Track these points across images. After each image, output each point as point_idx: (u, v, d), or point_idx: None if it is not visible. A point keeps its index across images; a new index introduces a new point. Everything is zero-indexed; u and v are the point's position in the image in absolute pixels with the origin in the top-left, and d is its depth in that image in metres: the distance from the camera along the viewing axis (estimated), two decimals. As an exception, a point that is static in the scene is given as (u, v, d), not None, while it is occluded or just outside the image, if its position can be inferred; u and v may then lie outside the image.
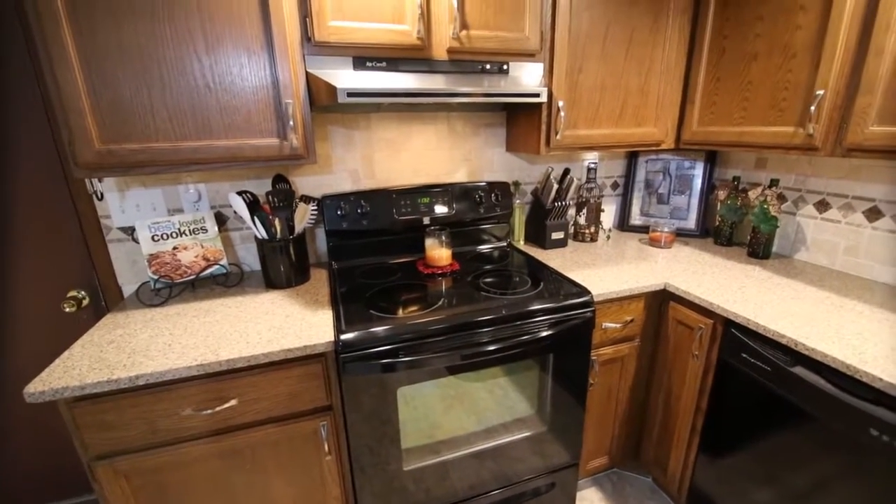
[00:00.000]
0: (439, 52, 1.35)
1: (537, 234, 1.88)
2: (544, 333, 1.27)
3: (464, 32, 1.35)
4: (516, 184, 1.91)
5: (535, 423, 1.43)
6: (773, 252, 1.75)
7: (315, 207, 1.49)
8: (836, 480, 1.03)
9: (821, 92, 1.25)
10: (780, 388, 1.14)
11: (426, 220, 1.68)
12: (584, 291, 1.35)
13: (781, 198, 1.72)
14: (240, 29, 1.15)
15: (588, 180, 1.92)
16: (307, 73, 1.26)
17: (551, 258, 1.72)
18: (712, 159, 1.97)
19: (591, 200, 1.93)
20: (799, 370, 1.09)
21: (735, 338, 1.25)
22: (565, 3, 1.45)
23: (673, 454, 1.54)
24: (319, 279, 1.54)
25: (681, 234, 2.01)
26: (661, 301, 1.51)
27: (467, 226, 1.79)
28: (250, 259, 1.64)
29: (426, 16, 1.30)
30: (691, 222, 2.03)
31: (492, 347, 1.22)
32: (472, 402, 1.33)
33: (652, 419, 1.63)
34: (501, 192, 1.79)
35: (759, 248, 1.69)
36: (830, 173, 1.55)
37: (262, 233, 1.40)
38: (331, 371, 1.15)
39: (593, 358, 1.45)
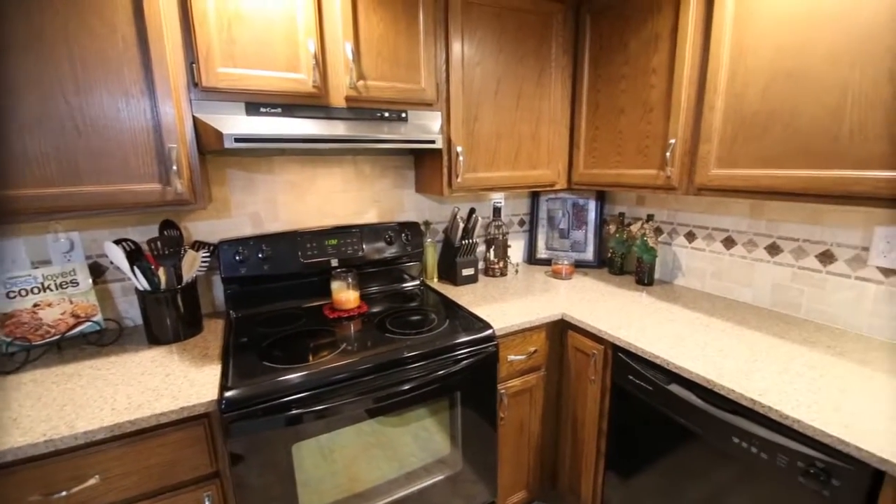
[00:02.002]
0: (337, 99, 1.39)
1: (449, 271, 1.92)
2: (448, 371, 1.28)
3: (361, 82, 1.40)
4: (427, 223, 1.96)
5: (449, 464, 1.41)
6: (657, 279, 1.95)
7: (207, 254, 1.41)
8: (726, 489, 1.12)
9: (673, 140, 1.46)
10: (661, 405, 1.24)
11: (334, 262, 1.65)
12: (486, 326, 1.40)
13: (658, 231, 1.94)
14: (116, 73, 1.10)
15: (495, 218, 2.03)
16: (195, 117, 1.22)
17: (462, 294, 1.76)
18: (602, 197, 2.18)
19: (499, 237, 2.03)
20: (674, 388, 1.19)
21: (622, 361, 1.35)
22: (457, 60, 1.57)
23: (583, 479, 1.58)
24: (214, 330, 1.44)
25: (581, 266, 2.18)
26: (561, 330, 1.60)
27: (378, 266, 1.79)
28: (134, 313, 1.49)
29: (321, 66, 1.33)
30: (589, 254, 2.20)
31: (394, 391, 1.20)
32: (381, 449, 1.29)
33: (564, 447, 1.68)
34: (412, 231, 1.82)
35: (644, 276, 1.87)
36: (694, 208, 1.79)
37: (143, 284, 1.29)
38: (216, 433, 1.06)
39: (502, 391, 1.48)
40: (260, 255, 1.52)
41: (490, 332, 1.38)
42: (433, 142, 1.45)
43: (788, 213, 1.47)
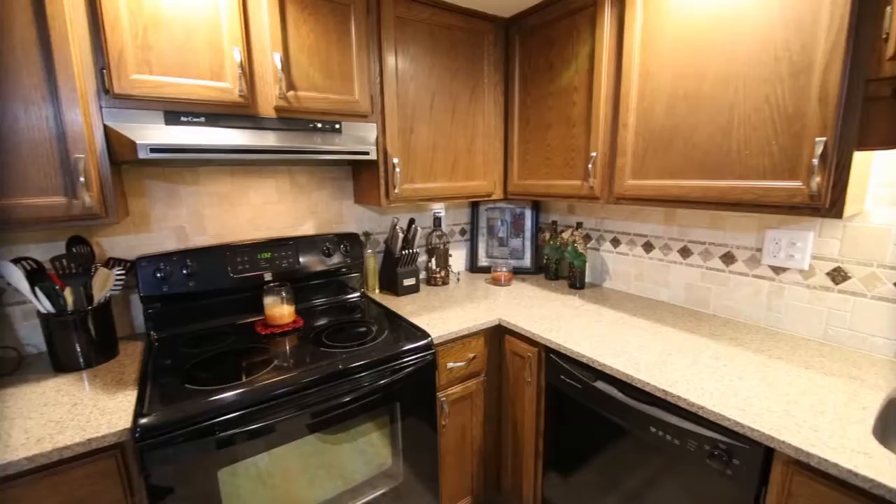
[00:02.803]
0: (266, 109, 1.36)
1: (390, 281, 1.92)
2: (385, 382, 1.28)
3: (291, 93, 1.38)
4: (367, 234, 1.95)
5: (393, 476, 1.40)
6: (588, 282, 2.06)
7: (122, 271, 1.31)
8: (651, 476, 1.19)
9: (594, 154, 1.57)
10: (590, 402, 1.31)
11: (268, 277, 1.60)
12: (424, 335, 1.41)
13: (587, 237, 2.06)
14: (14, 78, 1.01)
15: (435, 228, 2.06)
16: (106, 126, 1.14)
17: (404, 304, 1.77)
18: (537, 206, 2.28)
19: (440, 247, 2.06)
20: (599, 384, 1.27)
21: (554, 362, 1.41)
22: (391, 73, 1.59)
23: (524, 480, 1.63)
24: (131, 354, 1.33)
25: (519, 272, 2.26)
26: (499, 335, 1.65)
27: (316, 279, 1.75)
28: (37, 339, 1.35)
29: (248, 75, 1.30)
30: (527, 261, 2.29)
31: (329, 405, 1.18)
32: (324, 468, 1.25)
33: (506, 449, 1.72)
34: (351, 243, 1.81)
35: (576, 280, 1.97)
36: (617, 216, 1.92)
37: (46, 306, 1.18)
38: (131, 465, 0.98)
39: (442, 399, 1.50)
40: (184, 272, 1.43)
41: (427, 340, 1.39)
42: (367, 153, 1.46)
43: (696, 220, 1.63)
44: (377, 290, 1.95)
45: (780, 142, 1.10)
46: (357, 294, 1.87)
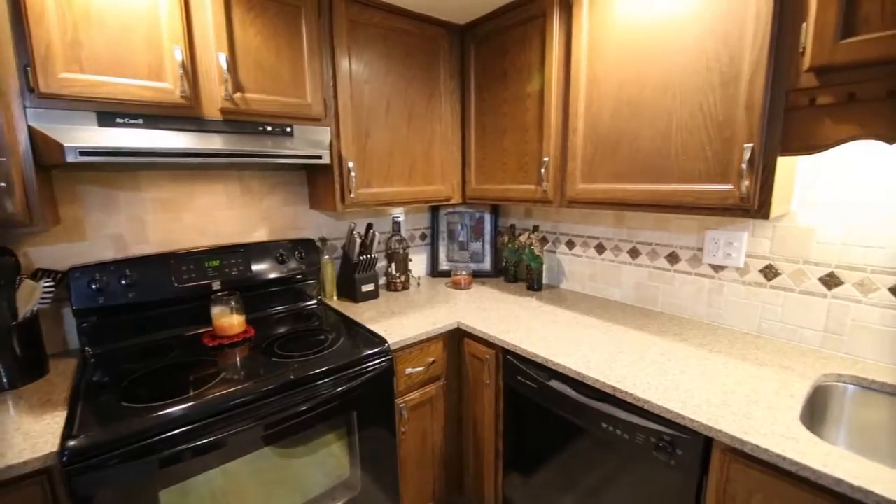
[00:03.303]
0: (211, 111, 1.31)
1: (349, 288, 1.89)
2: (341, 391, 1.25)
3: (239, 95, 1.34)
4: (324, 240, 1.91)
5: (351, 487, 1.36)
6: (545, 284, 2.11)
7: (50, 282, 1.22)
8: (604, 471, 1.22)
9: (547, 158, 1.61)
10: (546, 401, 1.33)
11: (216, 286, 1.53)
12: (380, 341, 1.39)
13: (544, 240, 2.11)
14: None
15: (395, 233, 2.05)
16: (30, 127, 1.06)
17: (363, 311, 1.74)
18: (496, 210, 2.31)
19: (400, 251, 2.05)
20: (554, 383, 1.30)
21: (511, 363, 1.43)
22: (345, 77, 1.58)
23: (486, 481, 1.64)
24: (63, 372, 1.24)
25: (479, 276, 2.28)
26: (458, 339, 1.65)
27: (269, 287, 1.69)
28: (-49, 359, 1.23)
29: (191, 75, 1.25)
30: (487, 264, 2.31)
31: (282, 417, 1.14)
32: (280, 483, 1.20)
33: (467, 452, 1.72)
34: (306, 249, 1.76)
35: (533, 282, 2.01)
36: (572, 219, 1.98)
37: (-40, 323, 1.08)
38: (59, 492, 0.91)
39: (401, 405, 1.48)
40: (123, 282, 1.35)
41: (384, 347, 1.38)
42: (320, 157, 1.43)
43: (643, 222, 1.70)
44: (335, 297, 1.92)
45: (714, 147, 1.17)
46: (314, 302, 1.82)
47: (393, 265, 2.04)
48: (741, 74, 1.09)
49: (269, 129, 1.42)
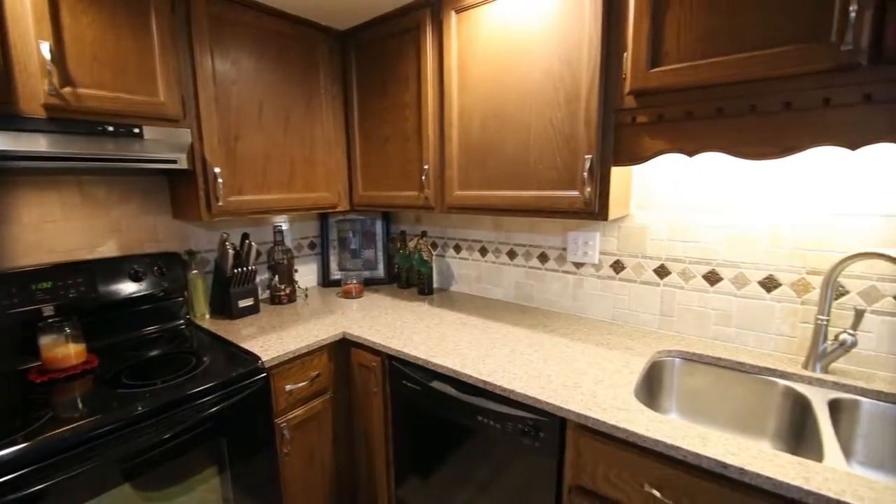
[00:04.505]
0: (32, 107, 1.12)
1: (224, 304, 1.74)
2: (205, 417, 1.14)
3: (68, 89, 1.17)
4: (191, 253, 1.73)
5: (221, 523, 1.25)
6: (437, 287, 2.17)
7: None
8: (487, 463, 1.27)
9: (427, 166, 1.66)
10: (429, 402, 1.36)
11: (48, 311, 1.30)
12: (253, 359, 1.31)
13: (434, 245, 2.17)
14: None
15: (277, 242, 1.94)
16: None
17: (240, 328, 1.62)
18: (387, 217, 2.32)
19: (284, 262, 1.94)
20: (435, 384, 1.33)
21: (396, 369, 1.44)
22: (207, 76, 1.46)
23: (379, 491, 1.62)
24: None
25: (373, 283, 2.26)
26: (345, 349, 1.62)
27: (121, 309, 1.49)
28: None
29: (4, 65, 1.06)
30: (381, 271, 2.31)
31: (130, 452, 1.01)
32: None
33: (360, 464, 1.69)
34: (168, 264, 1.59)
35: (424, 287, 2.06)
36: (458, 224, 2.06)
37: None
38: None
39: (282, 425, 1.40)
40: None
41: (257, 365, 1.30)
42: (175, 162, 1.31)
43: (518, 226, 1.84)
44: (207, 316, 1.75)
45: (563, 158, 1.31)
46: (180, 321, 1.64)
47: (277, 277, 1.93)
48: (581, 94, 1.25)
49: (111, 129, 1.25)
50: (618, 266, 1.57)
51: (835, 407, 1.08)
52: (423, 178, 1.67)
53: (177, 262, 1.61)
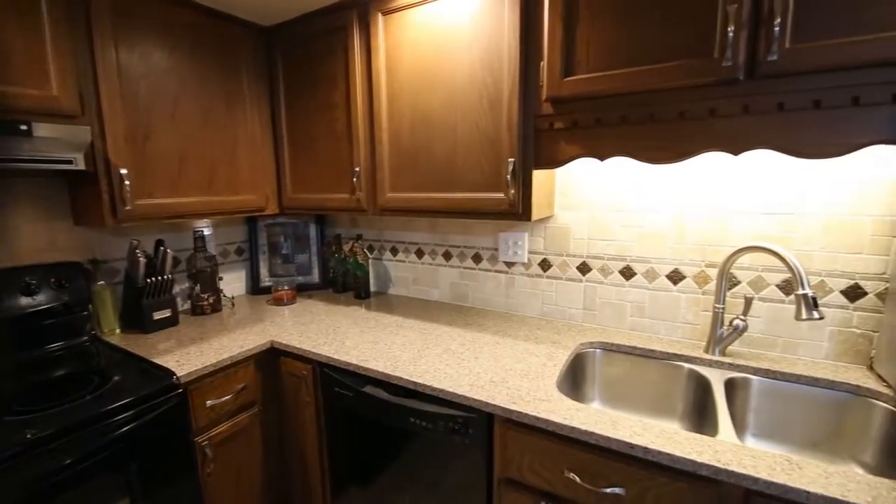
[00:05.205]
0: None
1: (137, 317, 1.60)
2: (108, 442, 1.05)
3: (-69, 78, 1.02)
4: (96, 262, 1.58)
5: (132, 556, 1.14)
6: (374, 291, 2.14)
7: None
8: (431, 462, 1.26)
9: (358, 168, 1.64)
10: (363, 407, 1.34)
11: (-90, 334, 1.13)
12: (166, 375, 1.22)
13: (371, 248, 2.14)
14: None
15: (198, 248, 1.82)
16: None
17: (155, 342, 1.49)
18: (322, 220, 2.26)
19: (207, 269, 1.83)
20: (368, 388, 1.32)
21: (328, 376, 1.41)
22: (110, 69, 1.34)
23: (314, 502, 1.56)
24: None
25: (308, 288, 2.19)
26: (273, 359, 1.55)
27: (11, 326, 1.32)
28: None
29: None
30: (315, 276, 2.24)
31: (19, 486, 0.90)
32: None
33: (294, 478, 1.62)
34: (68, 275, 1.44)
35: (361, 290, 2.02)
36: (394, 227, 2.06)
37: None
38: None
39: (204, 443, 1.32)
40: None
41: (171, 380, 1.21)
42: (71, 162, 1.19)
43: (452, 227, 1.87)
44: (118, 330, 1.60)
45: (489, 161, 1.35)
46: (84, 338, 1.49)
47: (199, 286, 1.81)
48: (503, 100, 1.29)
49: (-11, 125, 1.11)
50: (545, 264, 1.65)
51: (730, 386, 1.20)
52: (355, 180, 1.64)
53: (78, 273, 1.46)
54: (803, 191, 1.22)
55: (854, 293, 1.20)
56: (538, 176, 1.35)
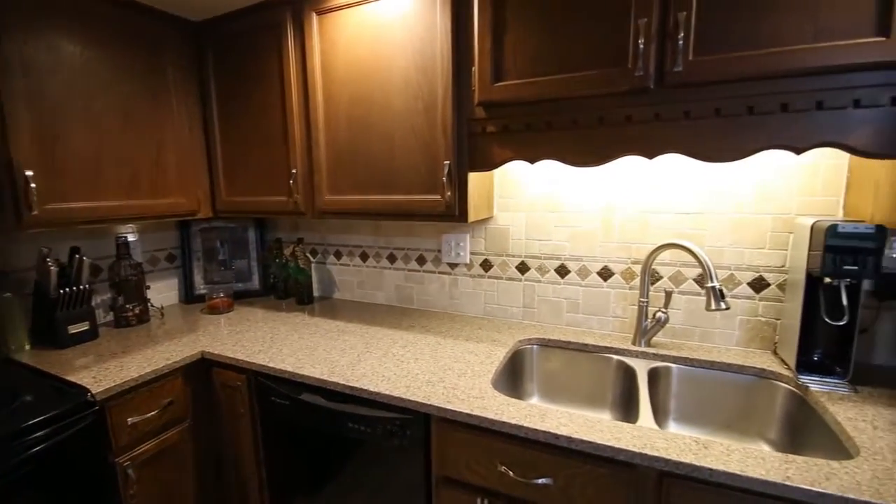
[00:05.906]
0: None
1: (49, 331, 1.47)
2: (10, 466, 0.95)
3: None
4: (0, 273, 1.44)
5: (40, 592, 1.05)
6: (318, 296, 2.10)
7: None
8: (372, 467, 1.25)
9: (295, 170, 1.60)
10: (301, 415, 1.31)
11: None
12: (78, 393, 1.13)
13: (314, 252, 2.09)
14: None
15: (121, 256, 1.70)
16: None
17: (70, 358, 1.38)
18: (262, 224, 2.18)
19: (132, 278, 1.71)
20: (305, 396, 1.28)
21: (263, 385, 1.36)
22: (11, 62, 1.23)
23: (253, 520, 1.50)
24: None
25: (248, 295, 2.10)
26: (205, 370, 1.48)
27: None
28: None
29: None
30: (255, 283, 2.15)
31: None
32: None
33: (230, 494, 1.55)
34: (-37, 288, 1.30)
35: (303, 296, 1.97)
36: (337, 230, 2.02)
37: None
38: None
39: (125, 464, 1.23)
40: None
41: (85, 398, 1.12)
42: (-40, 164, 1.07)
43: (396, 230, 1.86)
44: (28, 347, 1.46)
45: (426, 163, 1.36)
46: (-16, 357, 1.35)
47: (122, 296, 1.69)
48: (437, 103, 1.31)
49: None
50: (486, 265, 1.68)
51: (653, 374, 1.28)
52: (292, 182, 1.60)
53: (-24, 286, 1.32)
54: (714, 191, 1.32)
55: (759, 285, 1.31)
56: (475, 178, 1.38)
